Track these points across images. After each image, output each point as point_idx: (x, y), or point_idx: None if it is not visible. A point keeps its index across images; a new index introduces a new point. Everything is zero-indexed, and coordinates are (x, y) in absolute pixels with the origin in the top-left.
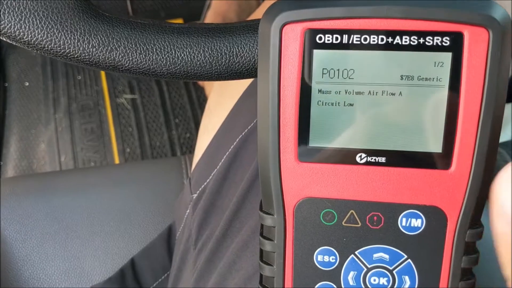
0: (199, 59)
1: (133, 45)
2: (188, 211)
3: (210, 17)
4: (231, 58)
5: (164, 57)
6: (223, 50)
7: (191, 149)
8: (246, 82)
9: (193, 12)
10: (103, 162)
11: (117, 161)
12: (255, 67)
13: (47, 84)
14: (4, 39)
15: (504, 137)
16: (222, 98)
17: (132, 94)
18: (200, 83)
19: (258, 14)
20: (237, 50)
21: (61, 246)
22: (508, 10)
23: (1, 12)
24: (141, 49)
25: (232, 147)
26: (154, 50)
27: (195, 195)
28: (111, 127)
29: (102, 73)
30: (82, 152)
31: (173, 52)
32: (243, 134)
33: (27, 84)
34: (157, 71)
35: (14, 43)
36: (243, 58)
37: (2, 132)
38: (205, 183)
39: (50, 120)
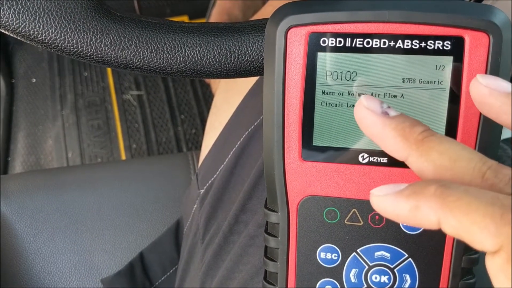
0: (208, 57)
1: (145, 44)
2: (195, 206)
3: (216, 14)
4: (240, 56)
5: (175, 56)
6: (232, 48)
7: (197, 145)
8: (252, 80)
9: (199, 9)
10: (110, 158)
11: (123, 157)
12: (263, 65)
13: (54, 81)
14: (19, 38)
15: (507, 134)
16: (228, 95)
17: (138, 91)
18: (206, 79)
19: (263, 12)
20: (245, 49)
21: (71, 240)
22: (509, 11)
23: (16, 11)
24: (152, 47)
25: (238, 143)
26: (165, 48)
27: (202, 190)
28: (117, 123)
29: (109, 69)
30: (89, 148)
31: (184, 51)
32: (249, 130)
33: (34, 80)
34: (168, 69)
35: (28, 42)
36: (252, 56)
37: (10, 128)
38: (212, 179)
39: (57, 116)
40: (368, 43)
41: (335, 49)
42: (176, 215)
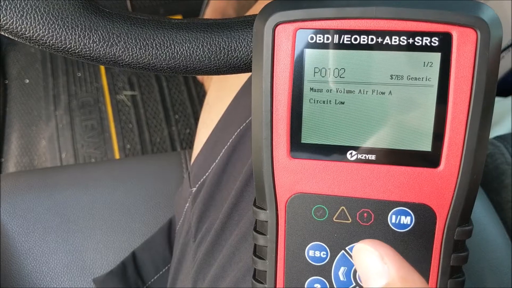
0: (198, 53)
1: (133, 40)
2: (187, 204)
3: (209, 13)
4: (230, 52)
5: (164, 52)
6: (221, 44)
7: (191, 145)
8: (244, 77)
9: (192, 9)
10: (104, 159)
11: (117, 157)
12: None
13: (47, 81)
14: (6, 35)
15: (503, 130)
16: (220, 93)
17: (132, 91)
18: (200, 78)
19: (255, 9)
20: (235, 45)
21: (63, 239)
22: (508, 10)
23: (3, 8)
24: (141, 44)
25: (230, 140)
26: (154, 45)
27: (194, 189)
28: (111, 123)
29: (102, 70)
30: (82, 148)
31: (173, 47)
32: (241, 128)
33: (27, 81)
34: (157, 65)
35: (16, 39)
36: (241, 52)
37: (3, 129)
38: (204, 177)
39: (51, 117)
40: (356, 39)
41: (323, 46)
42: (169, 213)
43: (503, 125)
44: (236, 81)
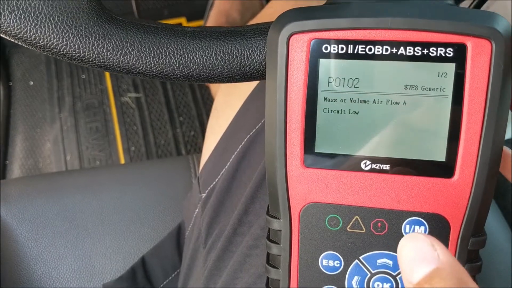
0: (211, 62)
1: (147, 49)
2: (197, 210)
3: (213, 15)
4: (242, 61)
5: (177, 60)
6: (234, 53)
7: (195, 147)
8: (253, 83)
9: (196, 11)
10: (108, 161)
11: (122, 159)
12: (265, 69)
13: (52, 83)
14: (20, 43)
15: (507, 135)
16: (229, 98)
17: (136, 93)
18: None
19: (264, 14)
20: (248, 53)
21: (72, 245)
22: (509, 11)
23: (18, 17)
24: (155, 52)
25: (240, 146)
26: (167, 53)
27: (204, 195)
28: (116, 125)
29: (107, 72)
30: (87, 150)
31: (186, 55)
32: (251, 134)
33: (31, 83)
34: (170, 74)
35: (30, 47)
36: (254, 60)
37: (8, 132)
38: (214, 183)
39: (55, 119)
40: (370, 49)
41: (337, 56)
42: (177, 219)
43: (507, 129)
44: (245, 87)
